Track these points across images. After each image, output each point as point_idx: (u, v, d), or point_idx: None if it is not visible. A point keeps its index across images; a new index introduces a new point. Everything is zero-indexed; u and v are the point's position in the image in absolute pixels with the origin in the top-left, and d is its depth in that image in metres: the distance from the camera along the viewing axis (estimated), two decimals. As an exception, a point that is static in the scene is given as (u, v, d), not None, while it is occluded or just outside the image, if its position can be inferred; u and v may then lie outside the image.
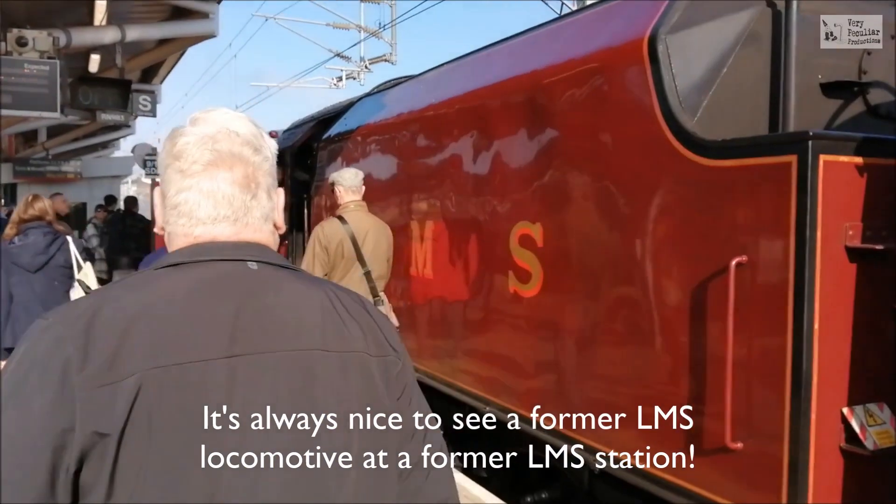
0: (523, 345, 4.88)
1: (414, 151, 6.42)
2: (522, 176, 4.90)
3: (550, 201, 4.61)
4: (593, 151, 4.24)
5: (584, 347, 4.30)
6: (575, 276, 4.37)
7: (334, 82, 18.61)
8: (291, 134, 10.58)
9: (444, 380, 5.90)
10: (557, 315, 4.53)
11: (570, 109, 4.46)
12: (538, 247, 4.70)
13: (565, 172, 4.47)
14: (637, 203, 3.93)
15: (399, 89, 7.58)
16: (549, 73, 4.67)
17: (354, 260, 5.24)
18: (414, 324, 6.45)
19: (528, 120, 4.83)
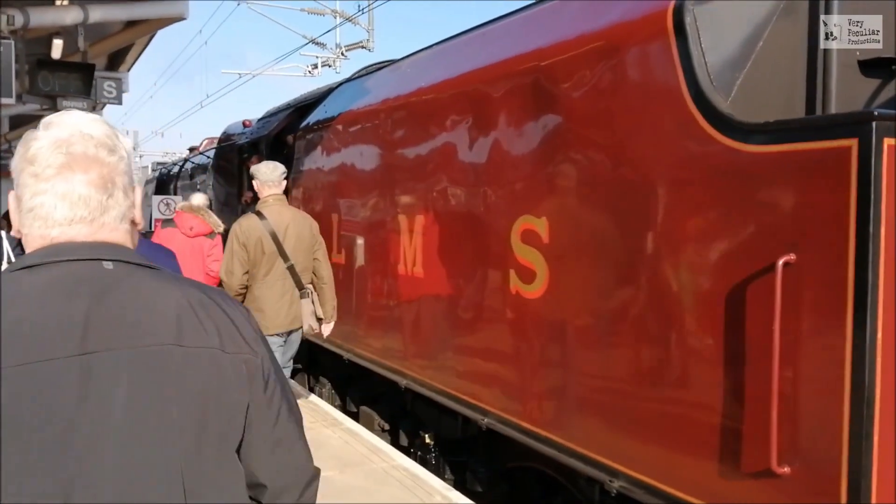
0: (527, 352, 4.45)
1: (401, 140, 5.96)
2: (525, 167, 4.46)
3: (558, 194, 4.17)
4: (609, 139, 3.81)
5: (599, 356, 3.88)
6: (588, 276, 3.94)
7: (309, 70, 18.02)
8: (267, 122, 10.04)
9: (435, 387, 5.45)
10: (568, 319, 4.10)
11: (580, 92, 4.02)
12: (544, 243, 4.27)
13: (575, 163, 4.04)
14: (661, 195, 3.51)
15: (383, 73, 7.10)
16: (556, 51, 4.23)
17: (277, 255, 5.15)
18: (400, 327, 5.99)
19: (530, 104, 4.38)
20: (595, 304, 3.89)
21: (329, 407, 6.93)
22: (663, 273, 3.48)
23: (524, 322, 4.47)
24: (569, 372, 4.09)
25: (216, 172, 13.16)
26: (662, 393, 3.47)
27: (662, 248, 3.49)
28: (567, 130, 4.10)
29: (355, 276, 6.88)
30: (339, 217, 7.20)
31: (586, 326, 3.95)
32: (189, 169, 16.61)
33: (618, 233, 3.74)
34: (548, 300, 4.24)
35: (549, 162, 4.23)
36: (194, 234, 7.38)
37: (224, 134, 13.37)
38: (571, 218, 4.06)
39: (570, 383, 4.08)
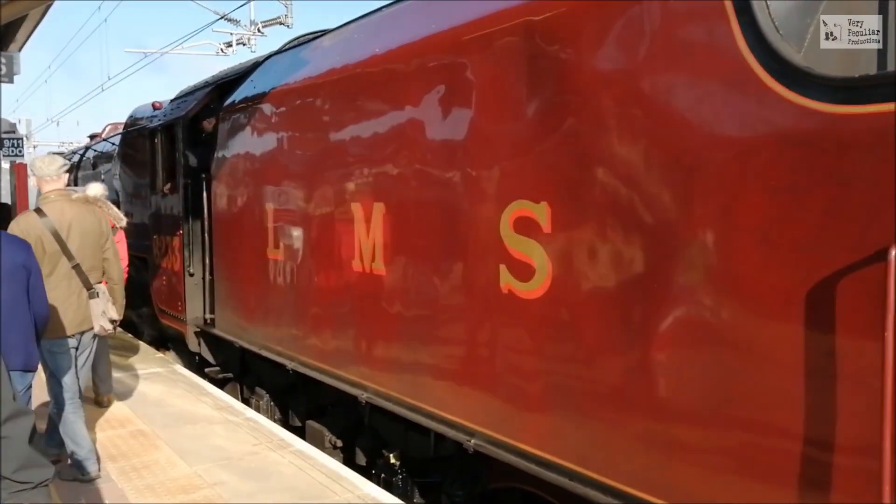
0: (524, 361, 3.75)
1: (353, 115, 5.14)
2: (518, 141, 3.74)
3: (563, 174, 3.46)
4: (634, 104, 3.12)
5: (625, 370, 3.20)
6: (608, 273, 3.25)
7: (222, 48, 16.80)
8: (182, 103, 9.01)
9: (404, 402, 4.70)
10: (582, 325, 3.41)
11: (590, 47, 3.31)
12: (544, 233, 3.56)
13: (586, 135, 3.33)
14: (707, 171, 2.84)
15: (324, 42, 6.23)
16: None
17: (60, 254, 4.80)
18: (357, 332, 5.21)
19: (525, 64, 3.66)
20: (621, 306, 3.20)
21: (273, 425, 6.09)
22: (718, 265, 2.82)
23: (519, 326, 3.76)
24: (584, 388, 3.40)
25: (123, 161, 11.97)
26: (723, 414, 2.82)
27: (713, 235, 2.83)
28: (572, 95, 3.39)
29: (297, 273, 6.04)
30: (275, 206, 6.32)
31: (609, 334, 3.26)
32: (91, 158, 15.23)
33: (649, 219, 3.06)
34: (551, 301, 3.54)
35: (550, 135, 3.52)
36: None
37: (131, 118, 12.17)
38: (582, 202, 3.36)
39: (586, 401, 3.39)
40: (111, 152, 13.31)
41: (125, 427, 5.98)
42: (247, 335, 7.06)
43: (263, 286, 6.66)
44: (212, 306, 8.05)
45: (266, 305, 6.65)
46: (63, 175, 5.10)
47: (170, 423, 6.07)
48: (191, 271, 8.23)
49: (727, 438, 2.81)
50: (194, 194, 8.12)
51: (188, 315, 8.30)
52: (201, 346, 8.35)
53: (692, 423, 2.92)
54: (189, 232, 8.24)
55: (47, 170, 5.02)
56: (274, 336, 6.53)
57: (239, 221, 7.08)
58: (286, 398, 6.93)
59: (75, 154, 17.93)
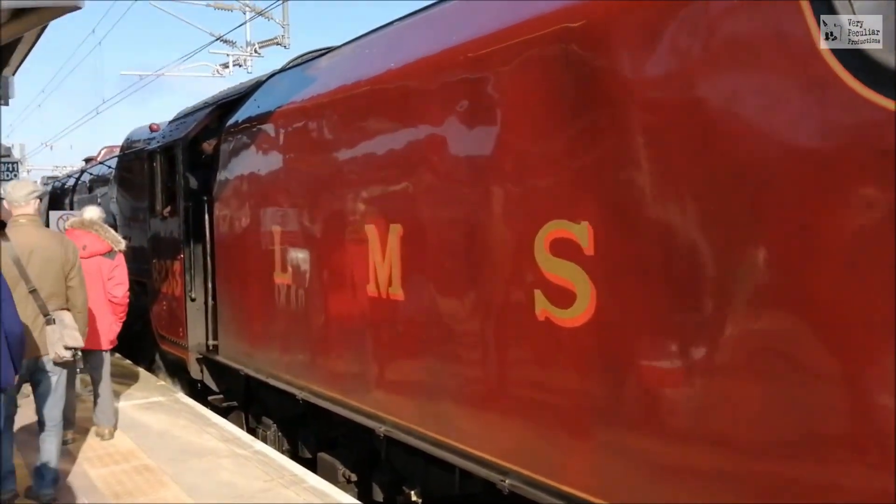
0: (565, 393, 3.49)
1: (367, 133, 4.91)
2: (552, 159, 3.51)
3: (607, 192, 3.23)
4: (692, 114, 2.89)
5: (688, 403, 2.95)
6: (662, 298, 3.00)
7: (218, 69, 16.59)
8: (181, 124, 8.76)
9: (428, 436, 4.43)
10: (630, 355, 3.16)
11: (639, 53, 3.09)
12: (586, 256, 3.32)
13: (636, 149, 3.10)
14: (785, 185, 2.60)
15: (333, 58, 6.01)
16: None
17: (18, 279, 4.81)
18: (377, 361, 4.94)
19: (557, 74, 3.43)
20: (680, 336, 2.95)
21: (284, 459, 5.80)
22: (789, 294, 2.57)
23: (559, 356, 3.51)
24: (638, 424, 3.15)
25: (120, 184, 11.72)
26: (809, 453, 2.57)
27: (785, 259, 2.59)
28: (620, 108, 3.16)
29: (307, 298, 5.78)
30: (282, 229, 6.08)
31: (667, 367, 3.01)
32: (87, 181, 14.95)
33: (710, 240, 2.82)
34: (596, 329, 3.29)
35: (592, 150, 3.28)
36: (89, 254, 6.22)
37: (127, 141, 11.92)
38: (631, 222, 3.12)
39: (640, 439, 3.13)
40: (107, 175, 13.05)
41: (129, 462, 5.69)
42: (253, 363, 6.79)
43: (270, 312, 6.40)
44: (214, 332, 7.77)
45: (274, 332, 6.38)
46: (32, 201, 5.14)
47: (175, 456, 5.78)
48: (192, 296, 7.96)
49: (810, 479, 2.55)
50: (195, 217, 7.87)
51: (190, 341, 8.02)
52: (203, 373, 8.06)
53: (769, 461, 2.67)
54: (190, 255, 7.97)
55: (16, 195, 5.09)
56: (282, 364, 6.26)
57: (244, 244, 6.82)
58: (294, 428, 6.65)
59: (70, 178, 17.66)
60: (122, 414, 7.11)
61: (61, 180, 20.09)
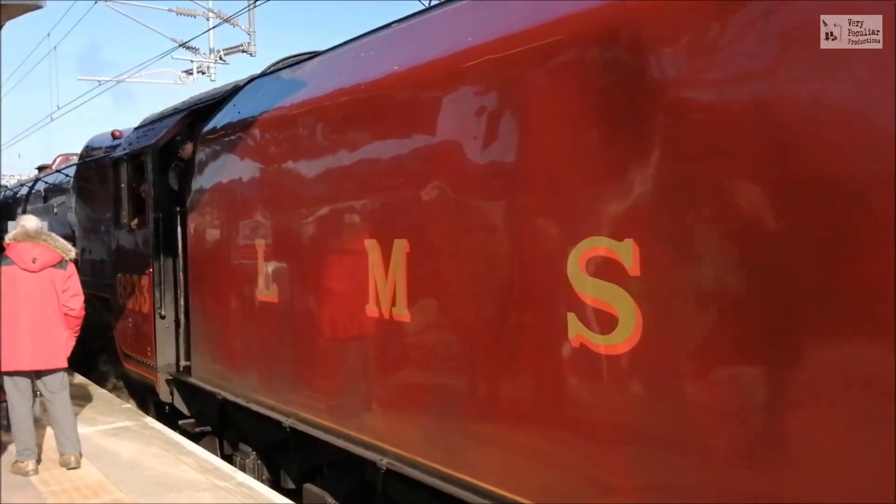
0: (605, 428, 3.18)
1: (367, 140, 4.56)
2: (589, 170, 3.21)
3: (657, 207, 2.94)
4: (761, 121, 2.62)
5: (749, 439, 2.66)
6: (727, 326, 2.72)
7: (180, 76, 16.03)
8: (149, 130, 8.29)
9: (438, 470, 4.09)
10: (684, 387, 2.86)
11: (697, 55, 2.82)
12: (630, 277, 3.03)
13: (692, 161, 2.82)
14: (880, 204, 2.34)
15: (324, 61, 5.66)
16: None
17: None
18: (377, 387, 4.58)
19: (597, 78, 3.15)
20: (749, 369, 2.67)
21: (271, 493, 5.37)
22: (878, 317, 2.30)
23: (597, 386, 3.20)
24: (690, 464, 2.85)
25: (79, 194, 11.16)
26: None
27: (879, 281, 2.32)
28: (674, 115, 2.88)
29: (295, 318, 5.40)
30: (268, 243, 5.68)
31: (730, 401, 2.72)
32: (42, 190, 14.27)
33: (788, 262, 2.54)
34: (642, 357, 3.00)
35: (639, 161, 2.99)
36: (40, 267, 5.76)
37: (87, 148, 11.36)
38: (685, 240, 2.84)
39: (691, 479, 2.84)
40: (64, 184, 12.44)
41: (99, 497, 5.22)
42: (230, 385, 6.36)
43: (252, 331, 6.00)
44: (187, 352, 7.32)
45: (255, 353, 5.97)
46: None
47: (150, 490, 5.33)
48: (162, 313, 7.49)
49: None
50: (166, 229, 7.41)
51: (159, 361, 7.54)
52: (174, 395, 7.58)
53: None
54: (160, 270, 7.51)
55: None
56: (265, 387, 5.85)
57: (222, 259, 6.40)
58: (275, 456, 6.23)
59: (23, 187, 16.90)
60: (86, 441, 6.58)
61: (12, 189, 19.26)
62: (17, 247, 5.80)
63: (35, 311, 5.70)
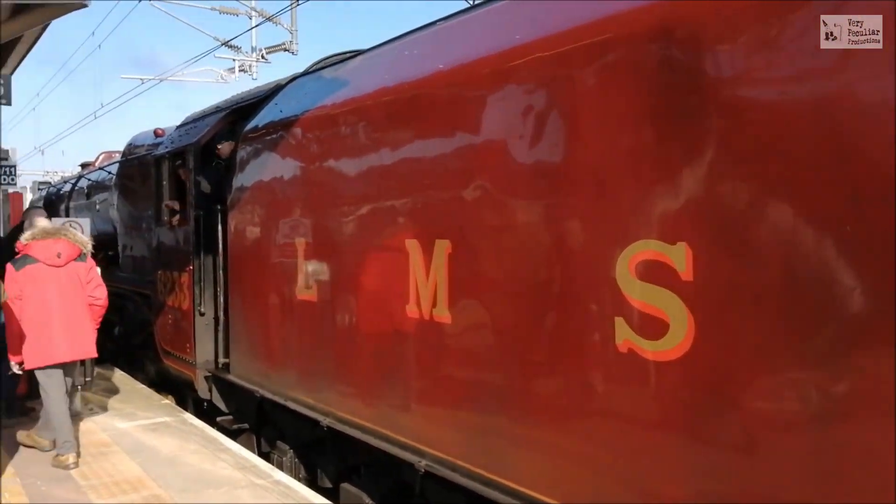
0: (654, 437, 3.10)
1: (410, 139, 4.53)
2: (639, 171, 3.14)
3: (713, 209, 2.85)
4: (834, 121, 2.52)
5: (813, 451, 2.56)
6: (785, 333, 2.62)
7: (223, 74, 16.19)
8: (192, 129, 8.36)
9: (477, 473, 4.03)
10: (740, 397, 2.77)
11: (758, 54, 2.73)
12: (683, 281, 2.94)
13: (752, 162, 2.73)
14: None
15: (366, 60, 5.63)
16: None
17: None
18: (417, 388, 4.54)
19: (649, 77, 3.07)
20: (805, 374, 2.57)
21: (308, 491, 5.35)
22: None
23: (644, 393, 3.12)
24: (744, 474, 2.76)
25: (121, 191, 11.29)
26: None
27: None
28: (731, 115, 2.79)
29: (335, 317, 5.38)
30: (308, 241, 5.68)
31: (790, 408, 2.63)
32: (85, 187, 14.48)
33: (858, 268, 2.45)
34: (695, 364, 2.91)
35: (693, 162, 2.91)
36: (66, 261, 5.94)
37: (130, 146, 11.50)
38: (743, 244, 2.75)
39: (748, 490, 2.74)
40: (107, 181, 12.61)
41: (138, 491, 5.25)
42: (269, 383, 6.37)
43: (292, 330, 5.99)
44: (225, 349, 7.35)
45: (295, 351, 5.97)
46: None
47: (188, 486, 5.35)
48: (201, 310, 7.53)
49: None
50: (207, 227, 7.45)
51: (198, 358, 7.58)
52: (212, 392, 7.62)
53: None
54: (200, 267, 7.55)
55: None
56: (303, 386, 5.85)
57: (263, 257, 6.41)
58: (312, 454, 6.22)
59: (66, 183, 17.19)
60: (126, 436, 6.67)
61: (56, 186, 19.60)
62: (37, 245, 5.94)
63: (66, 304, 5.89)
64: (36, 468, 5.75)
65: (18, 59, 12.07)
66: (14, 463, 5.89)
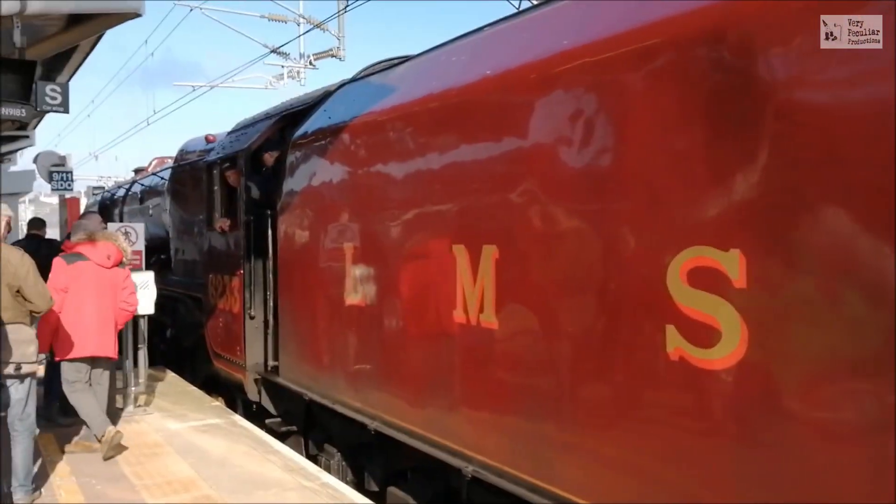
0: (704, 446, 3.05)
1: (456, 145, 4.53)
2: (691, 176, 3.10)
3: (767, 215, 2.80)
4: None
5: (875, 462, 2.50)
6: (840, 343, 2.56)
7: (272, 80, 16.43)
8: (242, 135, 8.49)
9: (524, 480, 4.02)
10: (793, 406, 2.72)
11: (816, 54, 2.67)
12: (735, 289, 2.89)
13: (811, 167, 2.68)
14: None
15: (413, 66, 5.66)
16: None
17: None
18: (463, 393, 4.54)
19: (708, 79, 3.03)
20: (865, 385, 2.51)
21: (357, 495, 5.40)
22: None
23: (695, 402, 3.08)
24: (798, 486, 2.70)
25: (173, 196, 11.51)
26: None
27: None
28: (789, 119, 2.74)
29: (382, 322, 5.41)
30: (357, 247, 5.72)
31: (850, 419, 2.57)
32: (138, 192, 14.82)
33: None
34: (747, 373, 2.86)
35: (747, 167, 2.86)
36: (113, 264, 6.31)
37: (181, 152, 11.74)
38: (798, 251, 2.70)
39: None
40: (159, 186, 12.88)
41: (189, 492, 5.35)
42: (317, 386, 6.43)
43: (339, 334, 6.04)
44: (275, 352, 7.44)
45: (342, 355, 6.02)
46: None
47: (238, 487, 5.43)
48: (252, 314, 7.64)
49: None
50: (257, 231, 7.56)
51: (248, 361, 7.69)
52: (261, 394, 7.73)
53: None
54: (250, 271, 7.66)
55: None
56: (350, 390, 5.89)
57: (311, 261, 6.48)
58: (360, 457, 6.26)
59: (120, 188, 17.60)
60: (178, 437, 6.80)
61: (110, 191, 20.10)
62: (95, 245, 6.27)
63: (102, 304, 6.20)
64: (91, 468, 5.89)
65: (74, 68, 12.46)
66: (70, 462, 6.04)
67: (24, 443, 5.09)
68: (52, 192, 15.37)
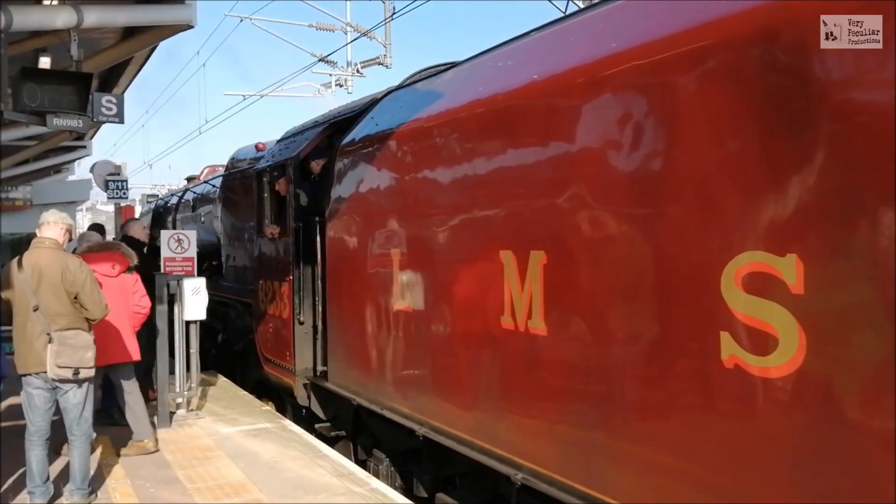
0: (760, 455, 2.98)
1: (502, 151, 4.51)
2: (746, 180, 3.03)
3: (825, 220, 2.73)
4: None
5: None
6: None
7: (319, 89, 16.62)
8: (291, 143, 8.59)
9: (575, 489, 3.97)
10: (851, 415, 2.63)
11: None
12: (792, 294, 2.82)
13: (857, 165, 2.60)
14: None
15: (459, 73, 5.66)
16: None
17: (24, 296, 5.05)
18: (512, 400, 4.51)
19: (764, 81, 2.96)
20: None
21: (405, 500, 5.40)
22: None
23: (752, 411, 3.00)
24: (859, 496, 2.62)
25: (224, 203, 11.70)
26: None
27: None
28: (847, 121, 2.66)
29: (430, 328, 5.41)
30: (404, 253, 5.73)
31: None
32: (190, 200, 15.10)
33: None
34: (804, 381, 2.78)
35: (802, 170, 2.79)
36: (118, 272, 6.52)
37: (232, 160, 11.94)
38: (857, 256, 2.62)
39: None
40: (211, 194, 13.10)
41: (241, 495, 5.41)
42: (366, 392, 6.46)
43: (388, 339, 6.06)
44: (324, 357, 7.50)
45: (391, 361, 6.03)
46: (60, 228, 5.28)
47: (288, 492, 5.47)
48: (301, 319, 7.71)
49: None
50: (306, 238, 7.63)
51: (297, 366, 7.77)
52: (310, 399, 7.79)
53: None
54: (299, 277, 7.74)
55: (48, 217, 5.32)
56: (399, 395, 5.90)
57: (359, 268, 6.52)
58: (408, 463, 6.27)
59: (173, 196, 17.95)
60: (230, 441, 6.89)
61: (164, 199, 20.51)
62: (97, 256, 6.42)
63: (115, 310, 6.19)
64: (145, 471, 6.00)
65: (127, 82, 12.75)
66: (125, 465, 6.17)
67: (82, 447, 5.21)
68: (108, 200, 15.73)
